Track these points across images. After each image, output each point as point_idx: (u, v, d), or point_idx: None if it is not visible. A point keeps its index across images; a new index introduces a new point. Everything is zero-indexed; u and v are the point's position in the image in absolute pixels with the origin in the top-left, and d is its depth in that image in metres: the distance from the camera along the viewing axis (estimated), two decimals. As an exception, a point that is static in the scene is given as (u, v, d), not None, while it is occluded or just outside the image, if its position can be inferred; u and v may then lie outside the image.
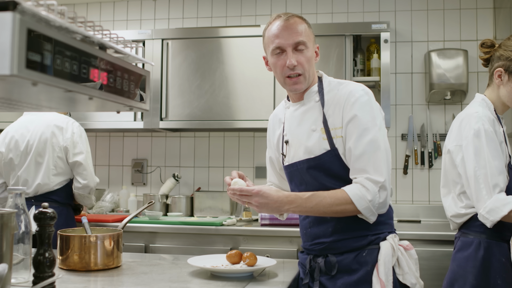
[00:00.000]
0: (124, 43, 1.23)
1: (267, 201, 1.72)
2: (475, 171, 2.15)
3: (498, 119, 2.31)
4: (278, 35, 1.83)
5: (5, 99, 1.11)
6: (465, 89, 3.60)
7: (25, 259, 1.56)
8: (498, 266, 2.18)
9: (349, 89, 1.83)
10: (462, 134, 2.25)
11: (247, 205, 1.77)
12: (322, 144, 1.82)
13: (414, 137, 3.83)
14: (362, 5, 3.97)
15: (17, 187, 1.58)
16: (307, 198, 1.73)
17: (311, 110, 1.89)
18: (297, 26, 1.83)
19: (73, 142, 3.19)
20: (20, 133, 3.22)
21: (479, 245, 2.21)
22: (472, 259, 2.21)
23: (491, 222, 2.11)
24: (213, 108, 3.63)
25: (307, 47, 1.83)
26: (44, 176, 3.16)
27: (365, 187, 1.71)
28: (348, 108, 1.79)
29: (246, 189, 1.74)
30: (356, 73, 3.66)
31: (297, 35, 1.82)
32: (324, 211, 1.74)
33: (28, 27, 0.85)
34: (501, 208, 2.08)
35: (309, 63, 1.85)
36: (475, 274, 2.19)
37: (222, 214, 3.73)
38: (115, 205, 4.00)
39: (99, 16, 4.33)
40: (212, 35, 3.70)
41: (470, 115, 2.25)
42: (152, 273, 1.84)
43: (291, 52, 1.82)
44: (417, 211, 3.74)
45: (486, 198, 2.11)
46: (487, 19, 3.82)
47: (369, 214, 1.73)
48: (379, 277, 1.75)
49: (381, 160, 1.74)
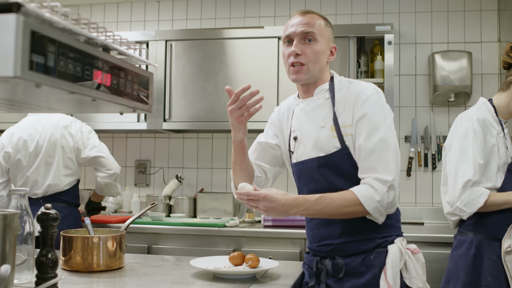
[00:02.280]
0: (128, 44, 1.23)
1: (274, 205, 1.71)
2: (456, 166, 2.30)
3: (500, 122, 2.36)
4: (291, 26, 1.87)
5: (9, 101, 1.11)
6: (469, 91, 3.59)
7: (28, 260, 1.56)
8: (488, 264, 2.27)
9: (360, 87, 1.83)
10: (453, 133, 2.43)
11: (254, 209, 1.77)
12: (332, 142, 1.81)
13: (418, 139, 3.82)
14: (366, 6, 3.96)
15: (20, 188, 1.58)
16: (315, 201, 1.72)
17: (320, 106, 1.88)
18: (311, 19, 1.86)
19: (83, 141, 3.26)
20: (28, 133, 3.23)
21: (471, 244, 2.32)
22: (464, 257, 2.32)
23: (468, 214, 2.26)
24: (217, 109, 3.63)
25: (316, 40, 1.84)
26: (54, 177, 3.19)
27: (374, 187, 1.70)
28: (359, 106, 1.79)
29: (253, 194, 1.72)
30: (359, 75, 3.65)
31: (307, 26, 1.84)
32: (333, 213, 1.73)
33: (31, 29, 0.85)
34: (477, 200, 2.24)
35: (316, 56, 1.85)
36: (466, 271, 2.29)
37: (225, 215, 3.73)
38: (118, 206, 4.01)
39: (103, 18, 4.34)
40: (215, 36, 3.70)
41: (463, 115, 2.41)
42: (155, 274, 1.84)
43: (298, 41, 1.84)
44: (420, 213, 3.73)
45: (462, 192, 2.26)
46: (491, 21, 3.81)
47: (378, 214, 1.72)
48: (387, 281, 1.73)
49: (391, 159, 1.73)
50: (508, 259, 2.24)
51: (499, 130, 2.36)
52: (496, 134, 2.35)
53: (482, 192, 2.26)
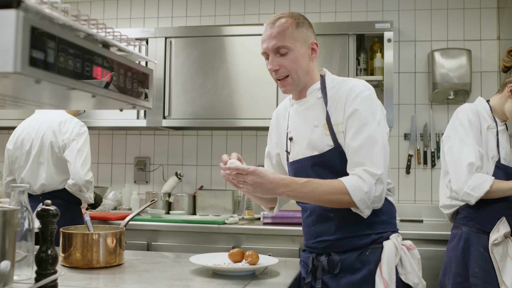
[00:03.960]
0: (128, 41, 1.23)
1: (262, 181, 1.69)
2: (458, 154, 2.41)
3: (494, 119, 2.53)
4: (263, 41, 1.87)
5: (9, 97, 1.11)
6: (468, 89, 3.59)
7: (27, 256, 1.57)
8: (476, 255, 2.40)
9: (350, 84, 1.83)
10: (450, 126, 2.56)
11: (241, 185, 1.73)
12: (325, 140, 1.82)
13: (417, 137, 3.82)
14: (365, 4, 3.96)
15: (21, 184, 1.58)
16: (303, 184, 1.71)
17: (313, 106, 1.89)
18: (279, 29, 1.82)
19: (69, 141, 3.14)
20: (27, 132, 3.22)
21: (461, 237, 2.47)
22: (455, 249, 2.46)
23: (476, 198, 2.35)
24: (216, 106, 3.63)
25: (290, 49, 1.82)
26: (47, 176, 3.16)
27: (362, 178, 1.70)
28: (349, 102, 1.79)
29: (242, 168, 1.71)
30: (359, 72, 3.65)
31: (278, 40, 1.81)
32: (319, 199, 1.72)
33: (31, 25, 0.85)
34: (483, 185, 2.34)
35: (295, 64, 1.83)
36: (456, 263, 2.43)
37: (225, 212, 3.73)
38: (118, 203, 4.01)
39: (103, 14, 4.33)
40: (215, 33, 3.70)
41: (459, 109, 2.56)
42: (154, 271, 1.84)
43: (273, 56, 1.84)
44: (419, 211, 3.73)
45: (468, 177, 2.35)
46: (491, 19, 3.81)
47: (364, 206, 1.70)
48: (382, 277, 1.74)
49: (379, 154, 1.73)
50: (496, 251, 2.35)
51: (493, 125, 2.49)
52: (487, 127, 2.48)
53: (487, 178, 2.36)
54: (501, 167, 2.45)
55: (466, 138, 2.42)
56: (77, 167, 3.09)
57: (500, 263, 2.33)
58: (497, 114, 2.53)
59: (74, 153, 3.11)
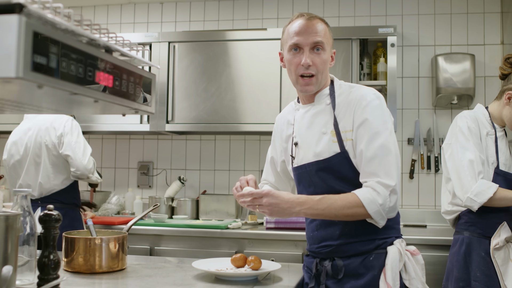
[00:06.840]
0: (130, 46, 1.23)
1: (277, 201, 1.70)
2: (461, 160, 2.43)
3: (493, 126, 2.56)
4: (298, 33, 1.83)
5: (11, 101, 1.11)
6: (472, 93, 3.58)
7: (30, 261, 1.56)
8: (478, 260, 2.41)
9: (360, 92, 1.83)
10: (450, 133, 2.58)
11: (257, 208, 1.76)
12: (332, 147, 1.82)
13: (421, 142, 3.81)
14: (369, 9, 3.96)
15: (23, 189, 1.58)
16: (318, 200, 1.72)
17: (321, 112, 1.88)
18: (318, 26, 1.83)
19: (62, 137, 3.18)
20: (19, 137, 3.25)
21: (463, 241, 2.48)
22: (457, 254, 2.48)
23: (479, 204, 2.35)
24: (219, 111, 3.63)
25: (324, 49, 1.83)
26: (43, 175, 3.18)
27: (376, 190, 1.71)
28: (359, 111, 1.79)
29: (256, 192, 1.73)
30: (362, 77, 3.65)
31: (317, 35, 1.81)
32: (336, 214, 1.73)
33: (34, 30, 0.85)
34: (487, 191, 2.34)
35: (324, 65, 1.84)
36: (458, 267, 2.44)
37: (228, 217, 3.73)
38: (121, 207, 4.01)
39: (106, 19, 4.34)
40: (218, 38, 3.71)
41: (457, 116, 2.59)
42: (157, 276, 1.83)
43: (308, 51, 1.82)
44: (423, 216, 3.72)
45: (472, 183, 2.36)
46: (494, 24, 3.80)
47: (379, 218, 1.73)
48: (386, 282, 1.73)
49: (392, 164, 1.73)
50: (497, 255, 2.36)
51: (491, 131, 2.52)
52: (486, 133, 2.50)
53: (492, 185, 2.36)
54: (500, 173, 2.46)
55: (467, 144, 2.44)
56: (79, 158, 3.17)
57: (502, 268, 2.35)
58: (495, 120, 2.56)
59: (72, 146, 3.17)
